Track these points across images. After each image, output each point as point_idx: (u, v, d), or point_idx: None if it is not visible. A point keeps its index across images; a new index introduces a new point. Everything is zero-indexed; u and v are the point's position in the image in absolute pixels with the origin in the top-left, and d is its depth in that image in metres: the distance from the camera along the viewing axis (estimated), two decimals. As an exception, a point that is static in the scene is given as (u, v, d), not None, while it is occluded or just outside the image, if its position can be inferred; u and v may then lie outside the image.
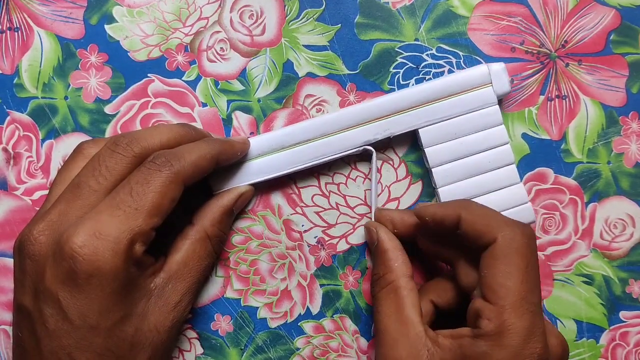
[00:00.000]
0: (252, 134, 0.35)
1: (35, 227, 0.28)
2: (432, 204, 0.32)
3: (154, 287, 0.30)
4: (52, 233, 0.28)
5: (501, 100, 0.35)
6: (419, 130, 0.34)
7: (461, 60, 0.36)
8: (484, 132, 0.34)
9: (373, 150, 0.34)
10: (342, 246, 0.36)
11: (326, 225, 0.36)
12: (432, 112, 0.34)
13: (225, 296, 0.36)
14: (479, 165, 0.34)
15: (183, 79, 0.36)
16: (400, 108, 0.34)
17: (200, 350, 0.35)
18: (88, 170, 0.29)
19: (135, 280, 0.29)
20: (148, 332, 0.29)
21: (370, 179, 0.36)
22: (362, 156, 0.36)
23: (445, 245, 0.32)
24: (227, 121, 0.36)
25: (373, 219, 0.34)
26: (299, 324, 0.36)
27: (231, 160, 0.33)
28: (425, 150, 0.34)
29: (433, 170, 0.34)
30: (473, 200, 0.34)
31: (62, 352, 0.27)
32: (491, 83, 0.34)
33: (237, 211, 0.35)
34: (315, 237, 0.36)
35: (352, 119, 0.34)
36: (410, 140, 0.36)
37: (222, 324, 0.36)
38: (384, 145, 0.36)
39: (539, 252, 0.36)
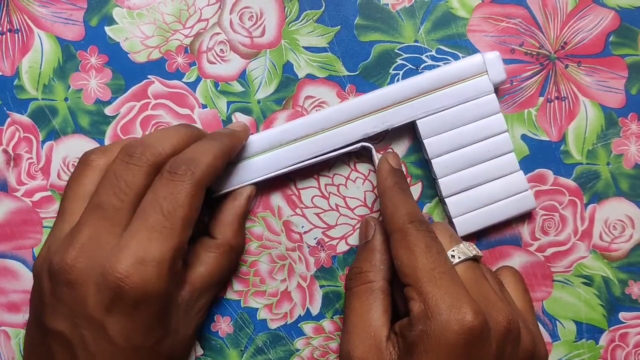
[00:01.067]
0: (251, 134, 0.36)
1: (67, 254, 0.28)
2: (395, 156, 0.34)
3: (181, 301, 0.31)
4: (89, 260, 0.28)
5: (497, 89, 0.35)
6: (417, 121, 0.34)
7: (461, 62, 0.36)
8: (482, 121, 0.34)
9: (371, 146, 0.34)
10: (342, 247, 0.36)
11: (326, 226, 0.36)
12: (429, 102, 0.34)
13: (225, 297, 0.36)
14: (478, 155, 0.34)
15: (183, 80, 0.36)
16: (398, 100, 0.34)
17: (200, 351, 0.35)
18: (107, 188, 0.29)
19: (173, 296, 0.29)
20: (178, 345, 0.30)
21: (370, 181, 0.36)
22: (361, 157, 0.36)
23: None
24: (227, 122, 0.36)
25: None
26: (298, 325, 0.36)
27: (238, 150, 0.33)
28: (424, 141, 0.34)
29: (432, 161, 0.34)
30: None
31: None
32: (487, 72, 0.34)
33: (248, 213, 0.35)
34: (315, 239, 0.36)
35: (350, 113, 0.34)
36: (410, 141, 0.36)
37: (222, 325, 0.36)
38: (384, 146, 0.36)
39: (538, 254, 0.36)
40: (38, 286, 0.29)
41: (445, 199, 0.35)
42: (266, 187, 0.36)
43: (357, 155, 0.36)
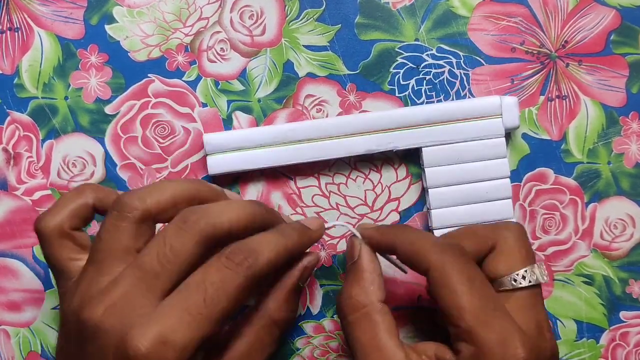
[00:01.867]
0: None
1: (97, 310, 0.26)
2: (372, 226, 0.32)
3: None
4: (116, 321, 0.26)
5: (509, 134, 0.35)
6: (422, 149, 0.34)
7: (461, 61, 0.36)
8: (487, 162, 0.34)
9: (358, 234, 0.31)
10: (342, 246, 0.36)
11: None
12: (438, 133, 0.34)
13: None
14: (475, 194, 0.34)
15: (183, 79, 0.36)
16: (408, 124, 0.34)
17: (200, 350, 0.35)
18: (152, 249, 0.27)
19: None
20: None
21: (370, 180, 0.36)
22: (362, 156, 0.36)
23: None
24: (227, 121, 0.36)
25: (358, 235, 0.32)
26: (299, 324, 0.36)
27: (304, 251, 0.31)
28: (426, 169, 0.34)
29: (430, 191, 0.34)
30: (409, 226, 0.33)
31: None
32: (501, 115, 0.34)
33: (305, 283, 0.32)
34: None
35: (357, 126, 0.34)
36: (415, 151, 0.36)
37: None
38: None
39: (539, 253, 0.36)
40: (66, 330, 0.28)
41: (433, 231, 0.35)
42: (267, 186, 0.36)
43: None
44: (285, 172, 0.36)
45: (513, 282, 0.29)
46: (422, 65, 0.36)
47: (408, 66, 0.36)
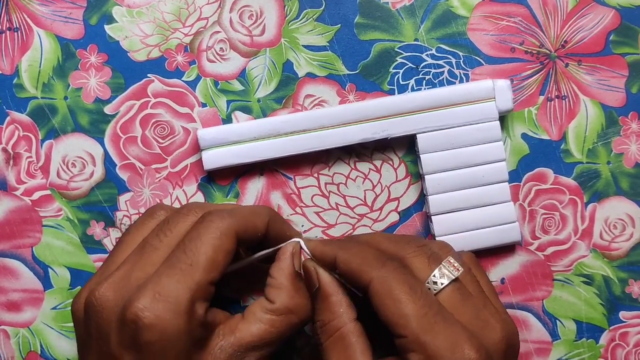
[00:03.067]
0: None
1: (98, 289, 0.28)
2: (316, 240, 0.32)
3: (217, 348, 0.28)
4: (117, 295, 0.28)
5: (503, 117, 0.35)
6: (417, 135, 0.34)
7: (461, 61, 0.36)
8: (482, 146, 0.34)
9: (301, 241, 0.31)
10: (342, 246, 0.36)
11: (326, 225, 0.36)
12: (432, 119, 0.34)
13: (225, 296, 0.35)
14: (472, 179, 0.34)
15: (183, 79, 0.36)
16: (401, 111, 0.34)
17: (200, 350, 0.35)
18: (153, 231, 0.30)
19: (201, 341, 0.28)
20: None
21: (370, 180, 0.36)
22: (361, 156, 0.36)
23: None
24: (227, 121, 0.36)
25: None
26: (298, 324, 0.36)
27: (280, 238, 0.32)
28: (421, 156, 0.34)
29: (426, 177, 0.34)
30: (364, 237, 0.32)
31: None
32: (494, 98, 0.34)
33: (300, 269, 0.31)
34: (315, 237, 0.36)
35: (352, 115, 0.34)
36: (410, 141, 0.36)
37: (222, 324, 0.36)
38: (384, 145, 0.36)
39: (539, 252, 0.36)
40: (78, 323, 0.29)
41: (432, 217, 0.35)
42: (266, 185, 0.36)
43: (357, 154, 0.36)
44: (285, 171, 0.36)
45: (434, 288, 0.29)
46: (421, 65, 0.36)
47: (407, 66, 0.36)
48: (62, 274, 0.36)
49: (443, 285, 0.29)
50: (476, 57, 0.36)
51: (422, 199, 0.36)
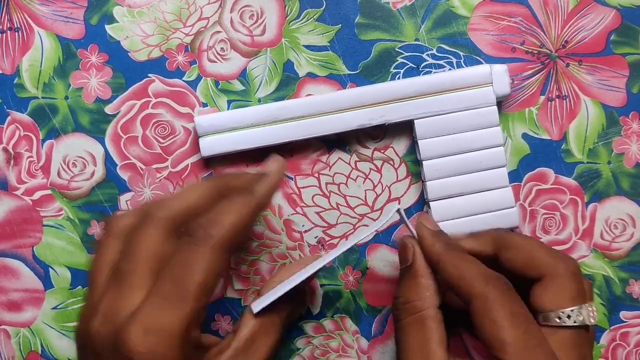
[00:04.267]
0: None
1: (90, 325, 0.27)
2: (429, 227, 0.31)
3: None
4: (108, 329, 0.27)
5: (500, 102, 0.35)
6: (415, 121, 0.34)
7: (461, 61, 0.36)
8: (480, 131, 0.34)
9: (400, 208, 0.31)
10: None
11: (327, 225, 0.36)
12: (429, 104, 0.34)
13: (225, 296, 0.36)
14: (470, 164, 0.34)
15: (183, 79, 0.36)
16: (399, 96, 0.34)
17: (200, 350, 0.35)
18: (122, 252, 0.28)
19: None
20: None
21: (371, 180, 0.36)
22: (362, 156, 0.36)
23: None
24: (228, 121, 0.36)
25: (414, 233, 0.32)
26: (299, 324, 0.36)
27: (270, 201, 0.31)
28: (419, 141, 0.34)
29: (424, 163, 0.34)
30: (509, 232, 0.32)
31: None
32: (492, 83, 0.34)
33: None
34: (315, 237, 0.36)
35: (349, 101, 0.34)
36: (410, 141, 0.36)
37: (223, 324, 0.36)
38: (384, 145, 0.36)
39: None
40: (77, 348, 0.29)
41: (430, 202, 0.35)
42: (267, 185, 0.36)
43: (357, 154, 0.36)
44: (286, 171, 0.36)
45: (557, 320, 0.28)
46: (422, 65, 0.36)
47: (408, 66, 0.36)
48: (62, 273, 0.36)
49: (574, 324, 0.28)
50: (477, 57, 0.36)
51: (422, 199, 0.36)
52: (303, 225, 0.36)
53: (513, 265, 0.30)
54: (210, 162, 0.35)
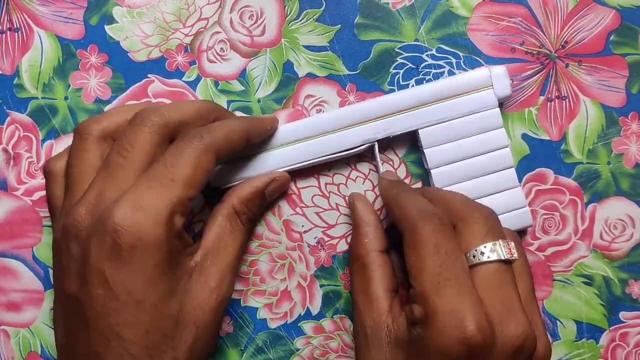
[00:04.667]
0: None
1: (76, 213, 0.28)
2: (391, 178, 0.34)
3: (194, 264, 0.30)
4: (93, 213, 0.28)
5: (502, 104, 0.35)
6: (419, 130, 0.34)
7: (461, 61, 0.36)
8: (484, 134, 0.34)
9: (375, 143, 0.34)
10: (342, 247, 0.36)
11: (326, 225, 0.36)
12: (432, 113, 0.34)
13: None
14: (478, 168, 0.34)
15: (183, 79, 0.36)
16: (401, 108, 0.34)
17: (200, 350, 0.35)
18: (113, 149, 0.29)
19: (178, 256, 0.29)
20: (192, 311, 0.30)
21: (370, 180, 0.36)
22: (361, 157, 0.36)
23: None
24: (227, 122, 0.36)
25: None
26: (298, 325, 0.36)
27: (262, 137, 0.33)
28: (425, 151, 0.34)
29: (432, 171, 0.34)
30: (432, 187, 0.34)
31: (110, 331, 0.27)
32: (492, 86, 0.34)
33: (271, 197, 0.35)
34: (315, 238, 0.36)
35: (352, 118, 0.34)
36: (410, 141, 0.36)
37: (222, 324, 0.36)
38: (384, 145, 0.36)
39: (539, 253, 0.36)
40: (57, 255, 0.30)
41: None
42: (266, 186, 0.36)
43: (357, 154, 0.36)
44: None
45: (472, 258, 0.29)
46: (421, 65, 0.36)
47: (408, 66, 0.36)
48: (62, 274, 0.36)
49: (488, 260, 0.28)
50: (476, 58, 0.36)
51: (422, 199, 0.36)
52: (303, 226, 0.36)
53: (393, 214, 0.31)
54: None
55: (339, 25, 0.36)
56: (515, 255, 0.29)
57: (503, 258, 0.29)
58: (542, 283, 0.36)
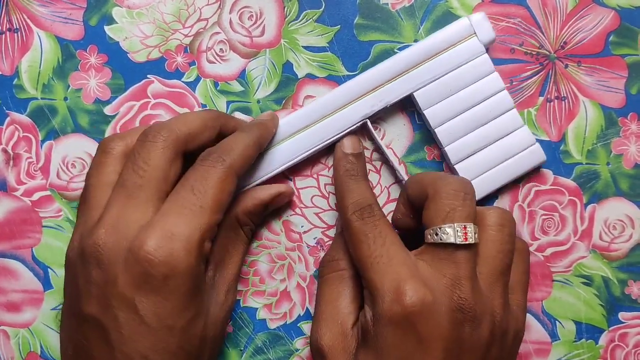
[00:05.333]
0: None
1: (97, 235, 0.28)
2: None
3: (208, 279, 0.31)
4: (117, 238, 0.28)
5: (489, 49, 0.35)
6: (414, 93, 0.34)
7: (460, 62, 0.36)
8: (478, 82, 0.34)
9: (367, 120, 0.34)
10: (342, 247, 0.36)
11: (325, 226, 0.36)
12: (423, 73, 0.34)
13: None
14: (480, 116, 0.34)
15: (182, 80, 0.36)
16: (392, 75, 0.34)
17: (199, 351, 0.35)
18: (128, 167, 0.29)
19: (202, 278, 0.29)
20: (211, 326, 0.30)
21: (370, 180, 0.36)
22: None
23: None
24: (227, 122, 0.36)
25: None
26: (298, 325, 0.36)
27: (269, 140, 0.34)
28: (424, 112, 0.34)
29: (436, 130, 0.34)
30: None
31: (137, 355, 0.27)
32: (475, 33, 0.34)
33: (272, 208, 0.35)
34: (314, 238, 0.36)
35: (346, 96, 0.34)
36: (409, 141, 0.36)
37: (222, 324, 0.36)
38: (385, 143, 0.36)
39: (538, 253, 0.36)
40: (72, 274, 0.29)
41: (454, 166, 0.34)
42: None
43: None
44: (285, 172, 0.36)
45: (429, 236, 0.29)
46: (421, 66, 0.36)
47: (407, 67, 0.36)
48: (62, 274, 0.36)
49: (441, 241, 0.28)
50: (476, 58, 0.36)
51: (421, 199, 0.36)
52: (302, 226, 0.36)
53: (413, 198, 0.31)
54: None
55: (339, 26, 0.36)
56: (471, 240, 0.28)
57: (456, 242, 0.28)
58: (542, 283, 0.36)
